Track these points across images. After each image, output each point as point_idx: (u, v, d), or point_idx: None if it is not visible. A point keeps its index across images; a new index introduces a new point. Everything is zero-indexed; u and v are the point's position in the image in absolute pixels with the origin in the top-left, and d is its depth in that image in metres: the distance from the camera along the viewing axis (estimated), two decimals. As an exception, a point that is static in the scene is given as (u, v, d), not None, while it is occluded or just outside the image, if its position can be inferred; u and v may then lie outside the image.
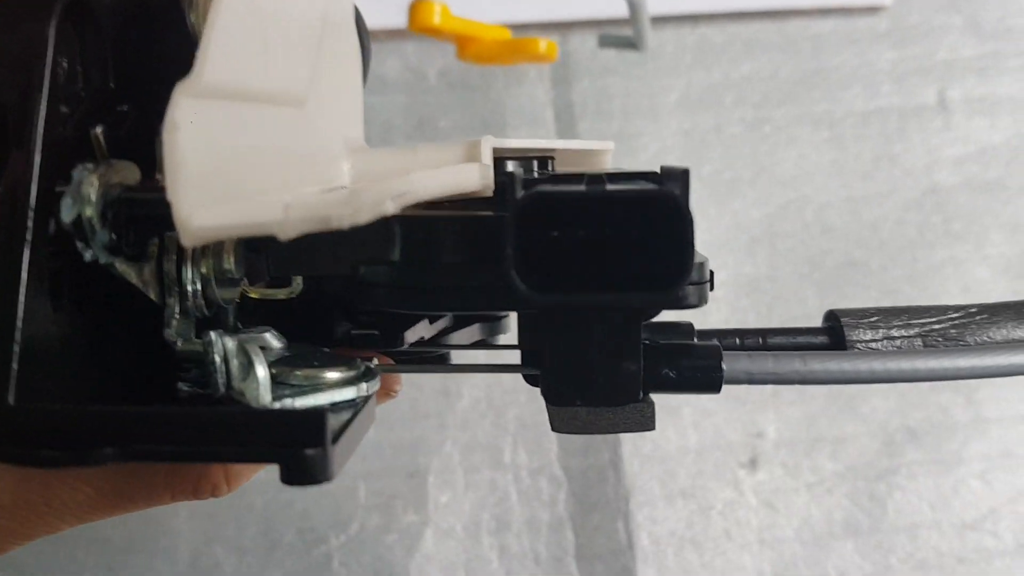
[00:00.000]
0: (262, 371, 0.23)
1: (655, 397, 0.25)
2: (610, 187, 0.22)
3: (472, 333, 0.34)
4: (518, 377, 0.28)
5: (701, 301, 0.24)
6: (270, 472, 0.22)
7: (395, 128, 0.49)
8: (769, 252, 0.51)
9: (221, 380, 0.23)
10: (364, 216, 0.19)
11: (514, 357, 0.28)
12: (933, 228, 0.52)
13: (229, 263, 0.24)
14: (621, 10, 0.45)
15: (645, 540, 0.47)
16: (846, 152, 0.52)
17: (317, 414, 0.20)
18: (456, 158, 0.27)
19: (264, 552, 0.46)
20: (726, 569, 0.47)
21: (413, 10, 0.43)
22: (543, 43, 0.44)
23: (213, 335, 0.23)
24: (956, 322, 0.27)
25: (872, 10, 0.53)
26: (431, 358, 0.34)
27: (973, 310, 0.27)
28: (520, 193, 0.21)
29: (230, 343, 0.23)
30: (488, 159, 0.27)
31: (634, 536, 0.47)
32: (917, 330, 0.27)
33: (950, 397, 0.50)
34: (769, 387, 0.48)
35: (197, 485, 0.26)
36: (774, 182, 0.51)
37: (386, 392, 0.31)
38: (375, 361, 0.25)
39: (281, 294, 0.26)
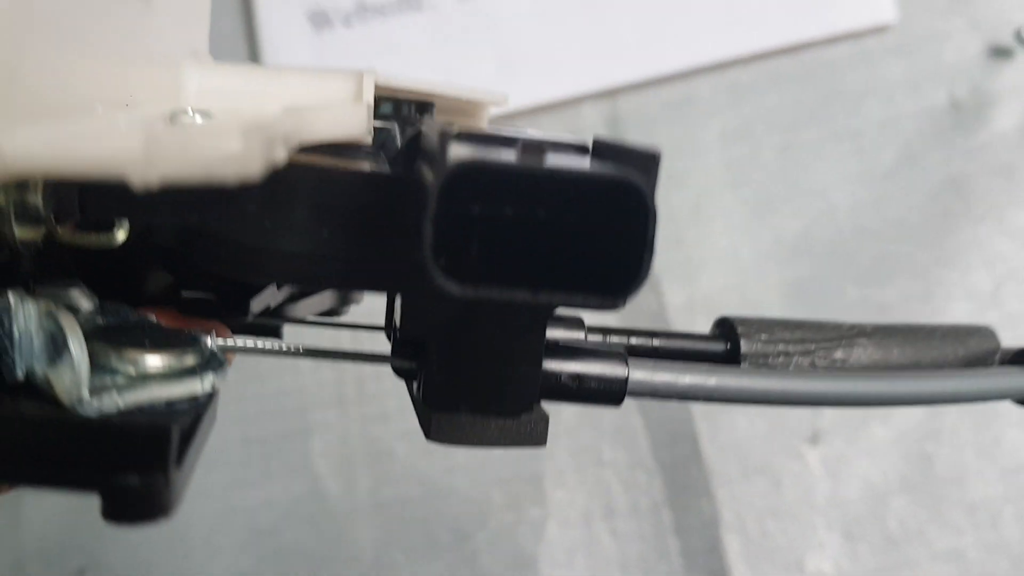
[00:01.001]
0: (79, 354, 0.17)
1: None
2: (555, 163, 0.17)
3: (323, 300, 0.30)
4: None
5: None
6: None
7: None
8: (809, 257, 0.59)
9: (19, 361, 0.17)
10: (255, 166, 0.15)
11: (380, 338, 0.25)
12: (955, 214, 0.60)
13: (35, 196, 0.18)
14: (654, 72, 0.53)
15: (728, 514, 0.57)
16: (869, 159, 0.60)
17: (159, 430, 0.16)
18: (339, 93, 0.23)
19: (427, 549, 0.58)
20: (800, 531, 0.56)
21: None
22: None
23: (12, 297, 0.17)
24: (846, 339, 0.26)
25: (879, 30, 0.60)
26: (269, 329, 0.29)
27: (868, 330, 0.26)
28: (449, 159, 0.16)
29: (32, 309, 0.17)
30: (370, 98, 0.23)
31: (719, 511, 0.57)
32: (809, 345, 0.26)
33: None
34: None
35: None
36: (807, 195, 0.60)
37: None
38: (214, 336, 0.20)
39: (101, 240, 0.20)
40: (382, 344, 0.24)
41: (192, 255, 0.21)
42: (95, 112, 0.18)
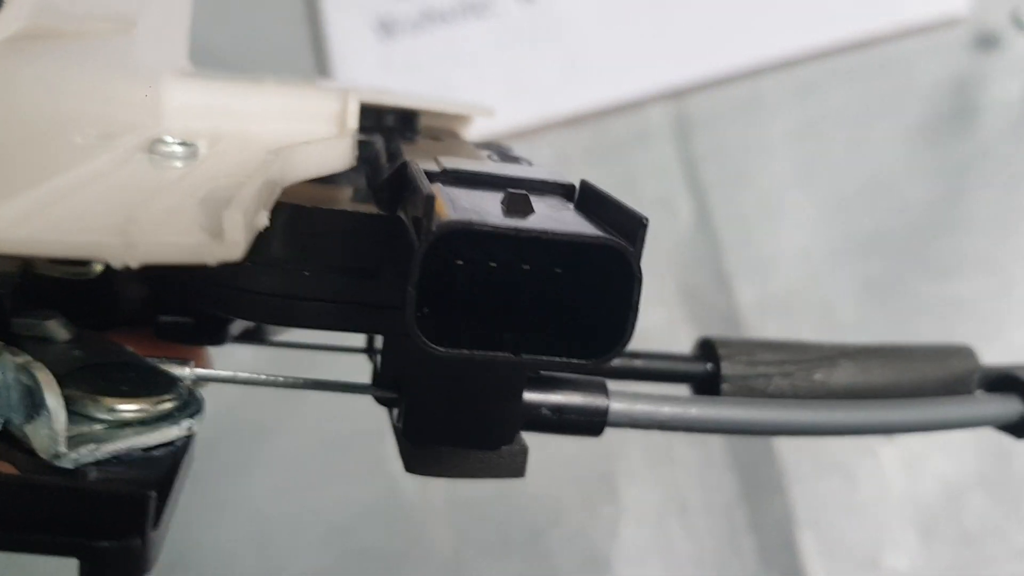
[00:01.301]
0: (56, 410, 0.16)
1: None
2: (541, 220, 0.17)
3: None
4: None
5: None
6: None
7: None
8: (881, 254, 0.59)
9: None
10: (238, 250, 0.15)
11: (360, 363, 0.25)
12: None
13: None
14: (721, 71, 0.53)
15: (802, 511, 0.57)
16: (941, 153, 0.59)
17: (137, 497, 0.16)
18: (322, 111, 0.22)
19: (502, 548, 0.59)
20: (875, 527, 0.56)
21: None
22: None
23: None
24: (827, 360, 0.26)
25: (950, 23, 0.59)
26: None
27: (849, 351, 0.26)
28: (436, 221, 0.16)
29: (9, 362, 0.17)
30: (355, 123, 0.23)
31: (792, 508, 0.57)
32: (790, 367, 0.26)
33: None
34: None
35: None
36: (878, 191, 0.59)
37: None
38: (192, 367, 0.20)
39: (79, 272, 0.21)
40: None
41: (170, 289, 0.21)
42: (73, 143, 0.18)
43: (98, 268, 0.21)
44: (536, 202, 0.17)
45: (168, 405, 0.18)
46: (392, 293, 0.19)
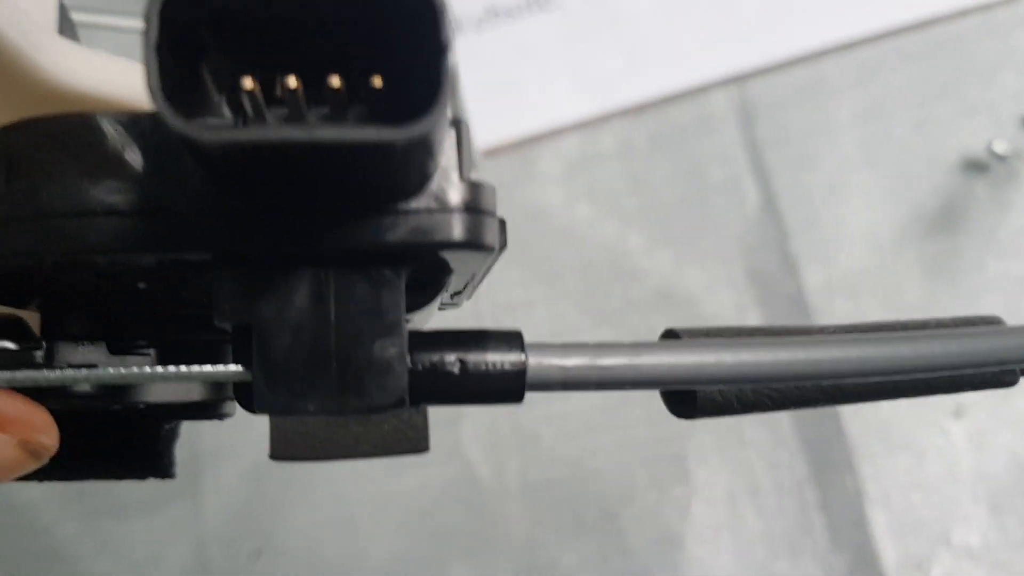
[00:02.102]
0: None
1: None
2: None
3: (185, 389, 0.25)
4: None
5: (492, 241, 0.17)
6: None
7: (612, 197, 0.61)
8: (948, 232, 0.59)
9: None
10: None
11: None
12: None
13: None
14: (782, 55, 0.54)
15: (873, 489, 0.58)
16: (1005, 131, 0.59)
17: None
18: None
19: (576, 528, 0.61)
20: (945, 503, 0.57)
21: None
22: None
23: None
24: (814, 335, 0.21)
25: (1009, 1, 0.59)
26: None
27: (829, 330, 0.22)
28: None
29: None
30: None
31: (863, 486, 0.58)
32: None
33: None
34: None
35: None
36: (944, 170, 0.60)
37: (23, 445, 0.18)
38: None
39: None
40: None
41: None
42: None
43: None
44: None
45: None
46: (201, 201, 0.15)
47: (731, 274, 0.60)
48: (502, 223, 0.18)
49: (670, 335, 0.21)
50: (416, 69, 0.14)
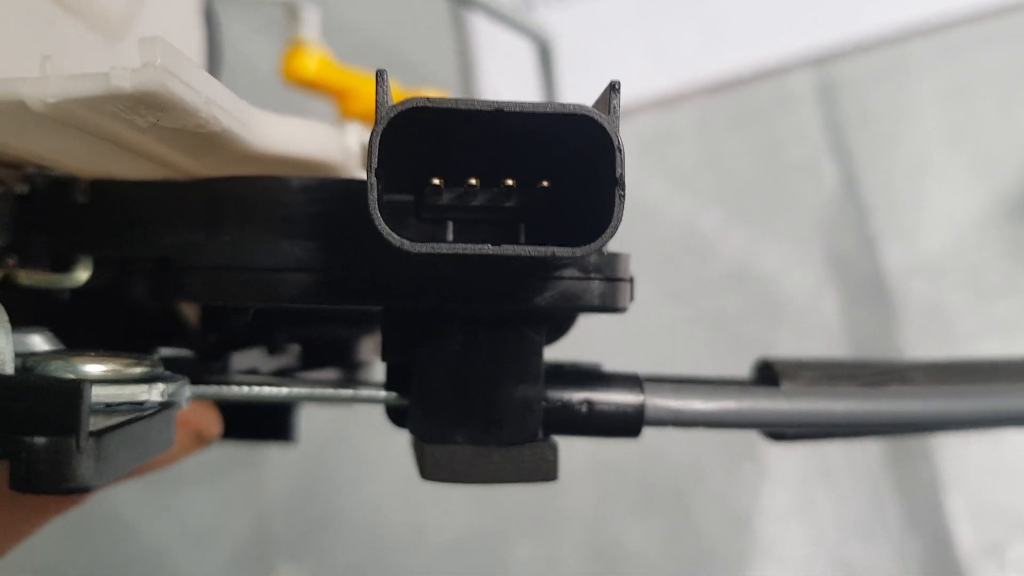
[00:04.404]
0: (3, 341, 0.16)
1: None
2: (508, 106, 0.16)
3: (325, 373, 0.30)
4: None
5: (624, 303, 0.19)
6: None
7: (687, 174, 0.61)
8: (1030, 216, 0.58)
9: None
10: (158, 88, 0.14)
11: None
12: None
13: None
14: (864, 35, 0.53)
15: (948, 474, 0.57)
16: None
17: (69, 386, 0.15)
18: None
19: (643, 507, 0.60)
20: (1022, 490, 0.56)
21: (286, 59, 0.38)
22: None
23: None
24: (897, 373, 0.24)
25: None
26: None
27: (922, 365, 0.24)
28: (389, 102, 0.15)
29: None
30: (353, 145, 0.23)
31: (938, 472, 0.57)
32: (858, 381, 0.23)
33: None
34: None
35: None
36: (1027, 154, 0.59)
37: (197, 434, 0.24)
38: (186, 380, 0.19)
39: (62, 281, 0.20)
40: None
41: (162, 292, 0.20)
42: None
43: (82, 275, 0.20)
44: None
45: (137, 370, 0.18)
46: (384, 264, 0.18)
47: (808, 255, 0.59)
48: (631, 281, 0.20)
49: (764, 368, 0.24)
50: (588, 189, 0.16)
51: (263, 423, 0.29)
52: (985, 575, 0.55)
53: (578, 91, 0.61)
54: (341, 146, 0.21)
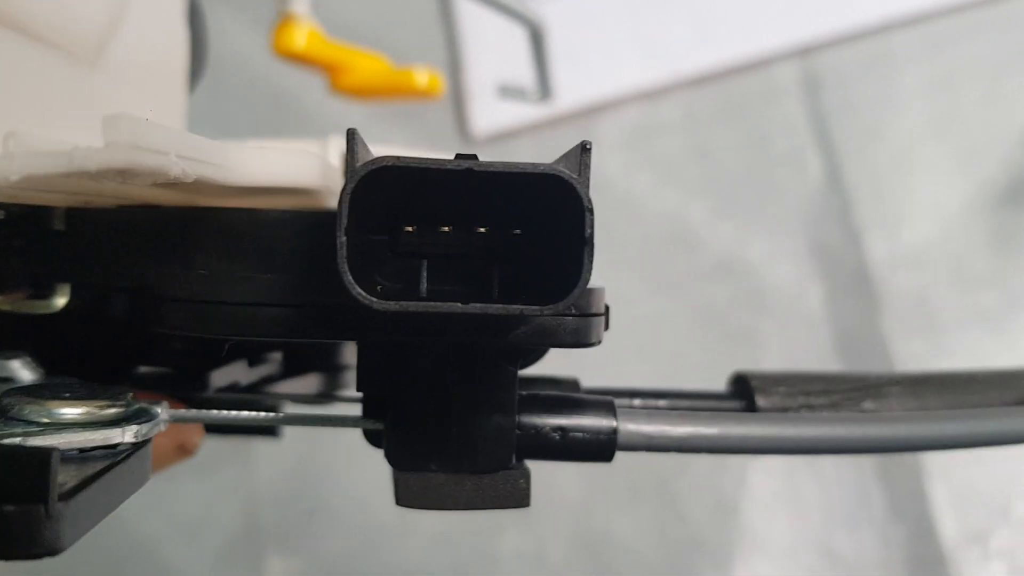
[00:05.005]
0: None
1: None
2: (480, 166, 0.16)
3: (308, 385, 0.30)
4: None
5: (598, 338, 0.19)
6: None
7: (674, 166, 0.61)
8: (1015, 206, 0.59)
9: None
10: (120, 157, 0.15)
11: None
12: None
13: None
14: (848, 27, 0.54)
15: (932, 463, 0.57)
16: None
17: (38, 455, 0.15)
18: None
19: (630, 495, 0.61)
20: (1005, 478, 0.57)
21: (276, 33, 0.38)
22: (423, 76, 0.39)
23: None
24: (874, 388, 0.24)
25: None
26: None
27: (898, 378, 0.24)
28: (360, 161, 0.16)
29: None
30: (335, 159, 0.22)
31: (922, 460, 0.57)
32: (834, 396, 0.24)
33: None
34: None
35: None
36: (1013, 143, 0.59)
37: (179, 446, 0.24)
38: (164, 405, 0.19)
39: (41, 307, 0.20)
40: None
41: (139, 320, 0.20)
42: None
43: (60, 301, 0.20)
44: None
45: (111, 411, 0.18)
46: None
47: (793, 246, 0.60)
48: (607, 310, 0.20)
49: (739, 382, 0.24)
50: (558, 241, 0.16)
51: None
52: (968, 563, 0.55)
53: (564, 83, 0.61)
54: (322, 166, 0.21)
